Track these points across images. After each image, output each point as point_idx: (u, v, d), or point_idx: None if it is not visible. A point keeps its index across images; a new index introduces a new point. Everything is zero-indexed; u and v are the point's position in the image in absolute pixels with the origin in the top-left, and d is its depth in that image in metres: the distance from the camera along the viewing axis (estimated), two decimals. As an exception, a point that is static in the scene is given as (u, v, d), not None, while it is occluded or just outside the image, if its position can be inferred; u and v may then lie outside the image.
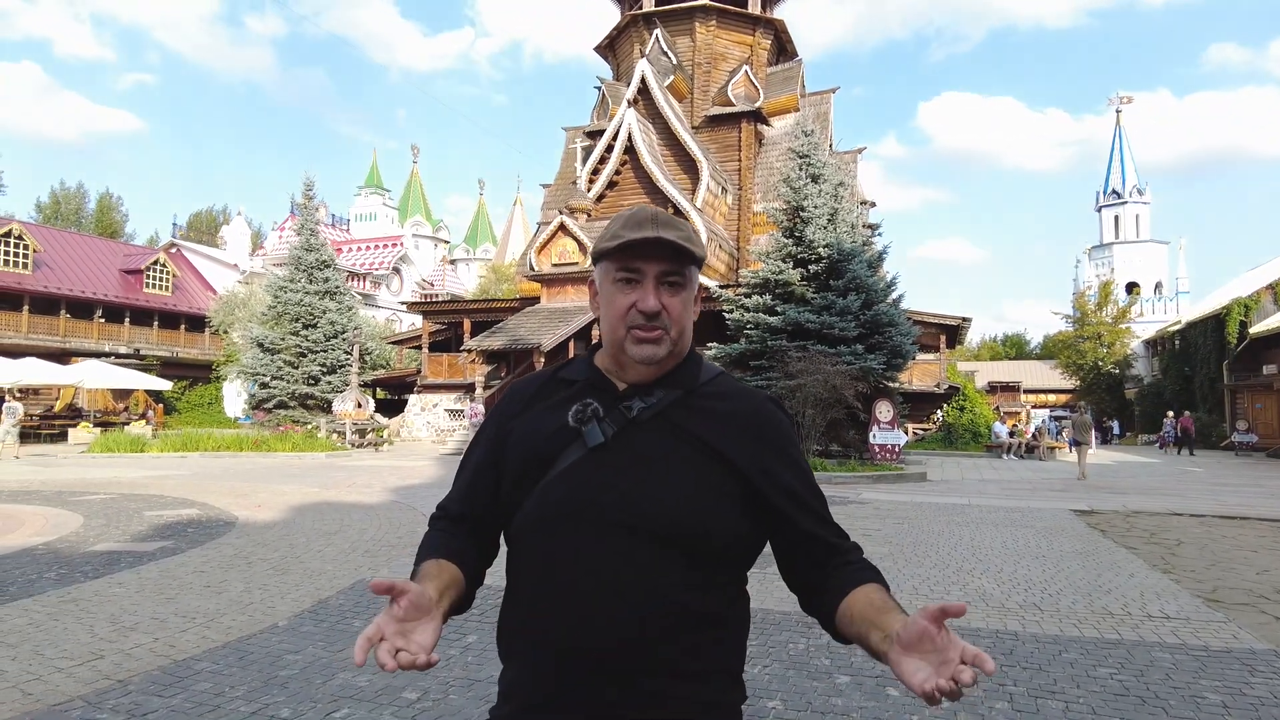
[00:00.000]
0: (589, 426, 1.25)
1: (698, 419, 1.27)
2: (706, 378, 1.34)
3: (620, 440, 1.24)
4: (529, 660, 1.23)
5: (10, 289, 32.93)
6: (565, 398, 1.32)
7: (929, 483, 15.27)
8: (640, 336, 1.26)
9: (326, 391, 26.16)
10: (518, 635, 1.25)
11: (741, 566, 1.29)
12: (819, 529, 1.29)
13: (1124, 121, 52.72)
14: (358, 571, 6.38)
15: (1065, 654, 4.45)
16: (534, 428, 1.31)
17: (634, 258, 1.27)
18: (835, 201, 19.23)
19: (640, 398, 1.28)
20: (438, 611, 1.13)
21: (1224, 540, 8.68)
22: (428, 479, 14.53)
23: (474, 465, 1.38)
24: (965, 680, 0.96)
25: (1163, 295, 49.38)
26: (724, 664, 1.25)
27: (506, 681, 1.28)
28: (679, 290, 1.27)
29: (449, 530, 1.35)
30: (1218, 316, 33.05)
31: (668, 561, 1.18)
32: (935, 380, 27.39)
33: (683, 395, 1.29)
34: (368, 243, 53.57)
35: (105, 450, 19.59)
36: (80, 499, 10.91)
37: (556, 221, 25.67)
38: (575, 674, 1.17)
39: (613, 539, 1.18)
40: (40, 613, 5.11)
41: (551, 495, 1.23)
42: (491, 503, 1.32)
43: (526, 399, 1.38)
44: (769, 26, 32.54)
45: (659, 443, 1.25)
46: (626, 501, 1.20)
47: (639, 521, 1.18)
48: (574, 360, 1.41)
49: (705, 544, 1.20)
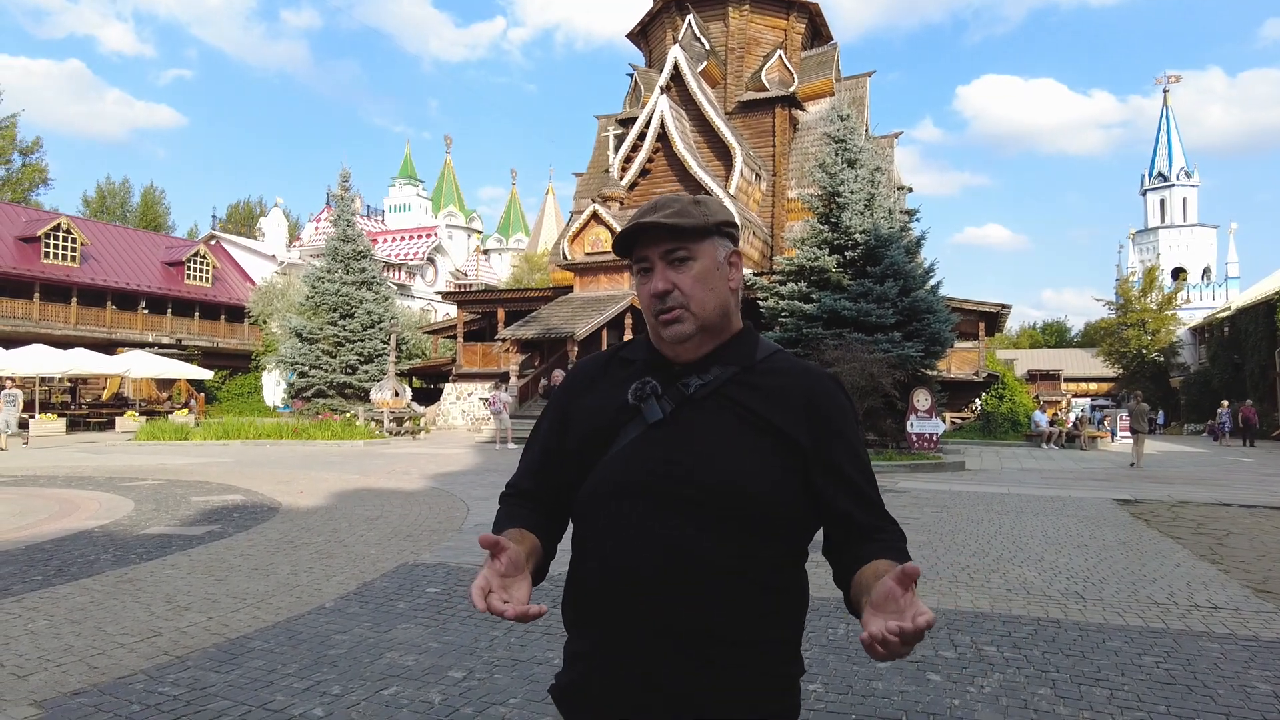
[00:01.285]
0: (648, 404, 1.29)
1: (753, 395, 1.29)
2: (763, 355, 1.36)
3: (678, 416, 1.28)
4: (593, 628, 1.27)
5: (60, 281, 33.93)
6: (626, 376, 1.35)
7: (967, 472, 15.09)
8: (663, 320, 1.30)
9: (364, 380, 26.57)
10: (582, 604, 1.30)
11: (798, 539, 1.31)
12: (861, 507, 1.30)
13: (1171, 102, 51.26)
14: (400, 555, 6.51)
15: (1109, 642, 4.39)
16: (596, 405, 1.35)
17: (640, 247, 1.31)
18: (872, 187, 18.98)
19: (697, 375, 1.31)
20: (527, 571, 1.21)
21: (1275, 531, 8.46)
22: (465, 466, 14.72)
23: (541, 443, 1.43)
24: (898, 629, 0.99)
25: (1211, 281, 48.01)
26: (781, 634, 1.28)
27: (571, 650, 1.33)
28: (687, 265, 1.29)
29: (522, 504, 1.39)
30: (1269, 303, 32.06)
31: (725, 532, 1.21)
32: (974, 368, 27.00)
33: (739, 372, 1.32)
34: (402, 233, 54.17)
35: (151, 438, 20.15)
36: (130, 484, 11.26)
37: (589, 210, 25.71)
38: (636, 641, 1.21)
39: (671, 511, 1.22)
40: (100, 592, 5.31)
41: (612, 470, 1.28)
42: (559, 478, 1.37)
43: (589, 378, 1.42)
44: (803, 10, 32.12)
45: (715, 419, 1.28)
46: (684, 475, 1.23)
47: (697, 494, 1.22)
48: (634, 341, 1.45)
49: (761, 516, 1.23)
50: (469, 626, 4.58)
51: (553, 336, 23.60)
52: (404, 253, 51.55)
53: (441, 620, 4.70)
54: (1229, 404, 28.73)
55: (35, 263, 33.51)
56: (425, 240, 52.69)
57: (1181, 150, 50.74)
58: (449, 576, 5.80)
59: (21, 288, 32.85)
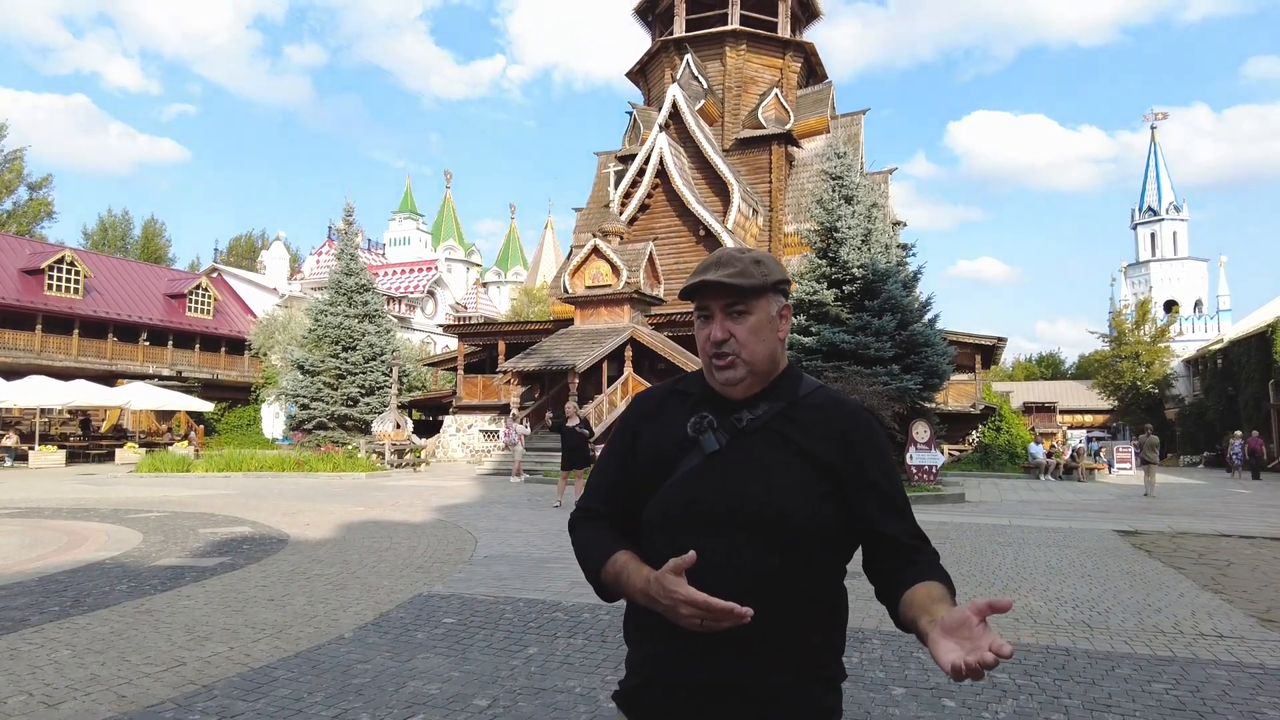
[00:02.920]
0: (705, 436, 1.44)
1: (798, 428, 1.44)
2: (806, 390, 1.50)
3: (732, 448, 1.42)
4: (654, 641, 1.41)
5: (62, 313, 34.06)
6: (684, 409, 1.50)
7: (968, 503, 15.15)
8: (717, 365, 1.45)
9: (365, 413, 26.62)
10: (645, 620, 1.42)
11: (840, 557, 1.45)
12: (899, 528, 1.44)
13: (1159, 138, 52.26)
14: (413, 586, 6.57)
15: (1118, 669, 4.48)
16: (659, 435, 1.49)
17: (702, 296, 1.47)
18: (869, 222, 19.29)
19: (748, 410, 1.46)
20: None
21: (1276, 561, 8.55)
22: (469, 498, 14.75)
23: (610, 469, 1.57)
24: (987, 660, 1.12)
25: (1203, 313, 48.48)
26: (827, 643, 1.42)
27: (633, 663, 1.47)
28: (745, 316, 1.44)
29: (601, 524, 1.52)
30: (1262, 335, 32.39)
31: (774, 553, 1.35)
32: (971, 400, 27.16)
33: (785, 407, 1.46)
34: (402, 266, 54.52)
35: (152, 470, 20.13)
36: (136, 516, 11.28)
37: (590, 244, 26.00)
38: (694, 652, 1.35)
39: (726, 534, 1.36)
40: (119, 622, 5.36)
41: (673, 495, 1.42)
42: (627, 502, 1.50)
43: (652, 410, 1.56)
44: (799, 50, 32.84)
45: (765, 450, 1.42)
46: (738, 501, 1.37)
47: (749, 518, 1.36)
48: (690, 375, 1.59)
49: (807, 538, 1.37)
50: (489, 656, 4.65)
51: (554, 369, 23.73)
52: (404, 286, 51.85)
53: (461, 650, 4.76)
54: (1240, 434, 27.73)
55: (39, 295, 33.66)
56: (425, 273, 53.02)
57: (1170, 185, 51.56)
58: (464, 607, 5.87)
59: (24, 319, 32.95)
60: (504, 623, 5.42)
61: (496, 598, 6.20)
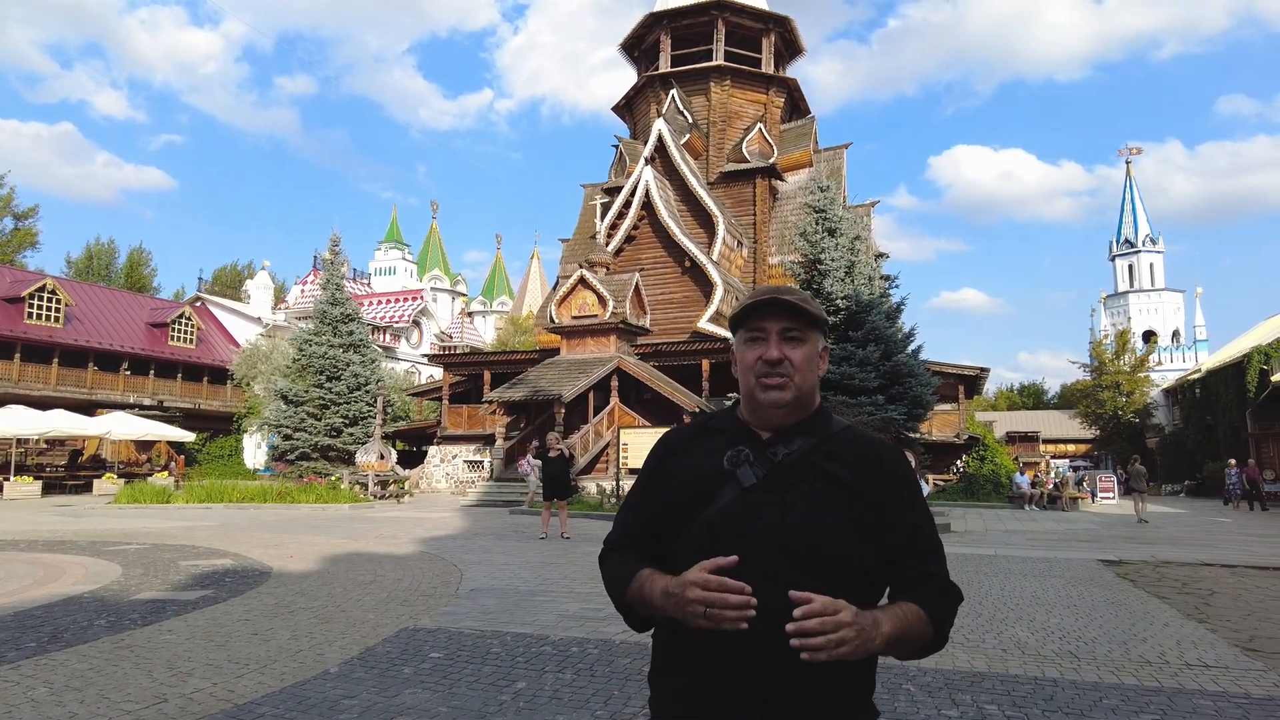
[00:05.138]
0: (742, 469, 1.47)
1: (833, 462, 1.47)
2: (838, 428, 1.55)
3: (768, 481, 1.46)
4: (692, 669, 1.42)
5: (42, 342, 33.68)
6: (718, 445, 1.52)
7: (953, 534, 15.19)
8: (766, 384, 1.49)
9: (349, 443, 26.40)
10: (681, 648, 1.44)
11: (875, 592, 1.46)
12: (921, 560, 1.48)
13: (1134, 172, 53.41)
14: (399, 620, 6.50)
15: (1106, 700, 4.50)
16: (692, 469, 1.52)
17: (758, 318, 1.51)
18: (852, 254, 19.56)
19: (784, 444, 1.49)
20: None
21: (1258, 590, 8.63)
22: (454, 530, 14.62)
23: (638, 504, 1.61)
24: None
25: (1180, 344, 49.20)
26: (859, 680, 1.44)
27: (658, 699, 1.48)
28: (800, 344, 1.50)
29: (628, 554, 1.56)
30: (1238, 364, 32.89)
31: (812, 584, 1.35)
32: (955, 430, 27.34)
33: (820, 441, 1.50)
34: (387, 296, 54.44)
35: (131, 501, 19.81)
36: (115, 549, 11.09)
37: (577, 275, 26.13)
38: (731, 681, 1.37)
39: (765, 564, 1.38)
40: (99, 658, 5.26)
41: (710, 528, 1.44)
42: (652, 535, 1.53)
43: (683, 446, 1.59)
44: (782, 85, 33.45)
45: (802, 483, 1.46)
46: (776, 533, 1.40)
47: (787, 549, 1.39)
48: (719, 413, 1.64)
49: (845, 569, 1.40)
50: (476, 691, 4.60)
51: (540, 399, 23.69)
52: (389, 315, 51.73)
53: (448, 685, 4.72)
54: (1236, 463, 26.68)
55: (18, 323, 33.29)
56: (410, 303, 52.95)
57: (1146, 218, 52.60)
58: (451, 641, 5.81)
59: (2, 348, 32.56)
60: (491, 657, 5.37)
61: (484, 631, 6.14)
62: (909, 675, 4.96)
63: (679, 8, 32.86)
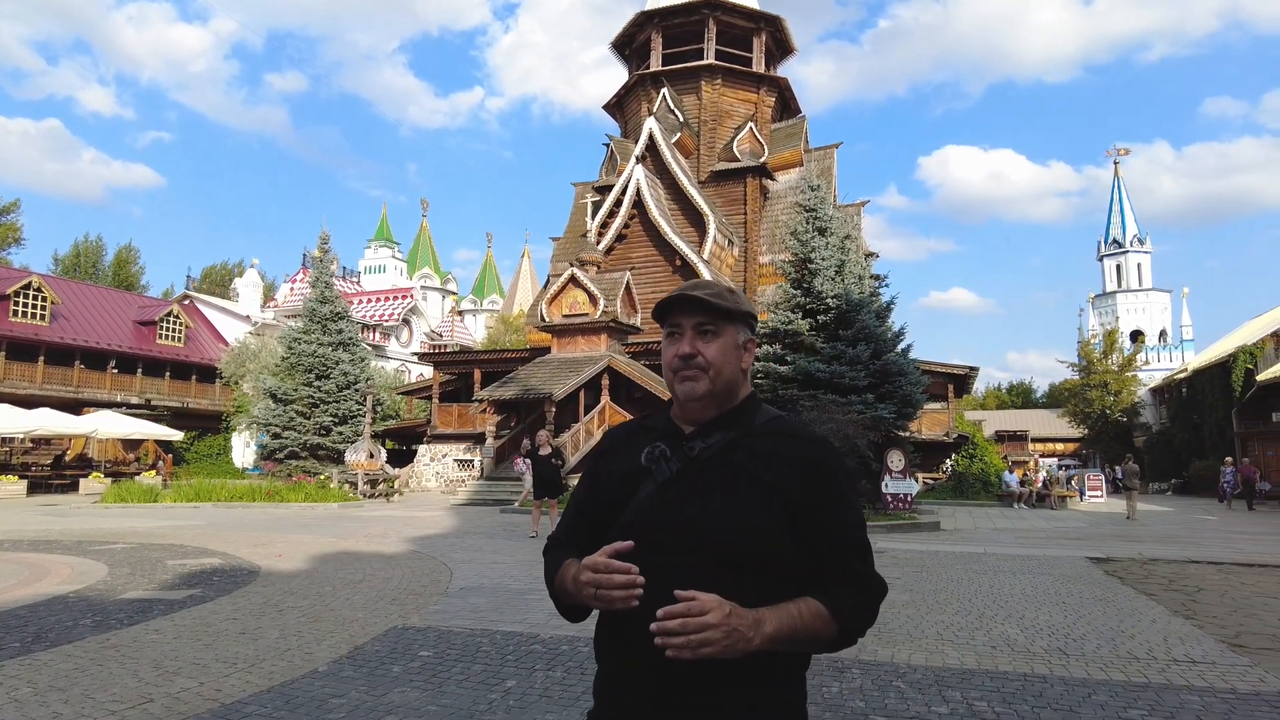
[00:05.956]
0: (657, 465, 1.48)
1: (750, 456, 1.46)
2: (762, 420, 1.53)
3: (683, 476, 1.46)
4: (613, 666, 1.46)
5: (27, 340, 33.36)
6: (646, 443, 1.53)
7: (943, 531, 15.25)
8: (682, 376, 1.50)
9: (338, 442, 26.28)
10: (604, 644, 1.48)
11: (790, 584, 1.42)
12: (837, 555, 1.43)
13: (1122, 173, 53.79)
14: (388, 619, 6.46)
15: (1095, 696, 4.52)
16: (618, 467, 1.55)
17: (675, 315, 1.53)
18: (842, 253, 19.58)
19: (701, 439, 1.49)
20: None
21: (1244, 587, 8.70)
22: (443, 529, 14.57)
23: (576, 502, 1.63)
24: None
25: (1167, 344, 49.58)
26: (784, 670, 1.42)
27: (597, 686, 1.51)
28: (714, 337, 1.51)
29: (564, 552, 1.57)
30: (1224, 364, 33.17)
31: (724, 579, 1.35)
32: (944, 429, 27.45)
33: (739, 435, 1.49)
34: (377, 295, 54.24)
35: (118, 500, 19.66)
36: (101, 548, 10.99)
37: (567, 274, 26.09)
38: (647, 678, 1.37)
39: (677, 560, 1.38)
40: (84, 658, 5.21)
41: (627, 524, 1.45)
42: (588, 533, 1.54)
43: (617, 444, 1.62)
44: (773, 85, 33.49)
45: (716, 477, 1.45)
46: (688, 528, 1.40)
47: (699, 545, 1.39)
48: (657, 413, 1.64)
49: (755, 564, 1.38)
50: (466, 689, 4.58)
51: (531, 397, 23.65)
52: (379, 314, 51.53)
53: (438, 684, 4.69)
54: (1231, 461, 26.12)
55: (3, 321, 32.94)
56: (400, 301, 52.77)
57: (1134, 218, 52.98)
58: (441, 640, 5.79)
59: (-14, 347, 32.24)
60: (481, 655, 5.35)
61: (473, 630, 6.12)
62: (899, 672, 4.97)
63: (670, 6, 32.84)
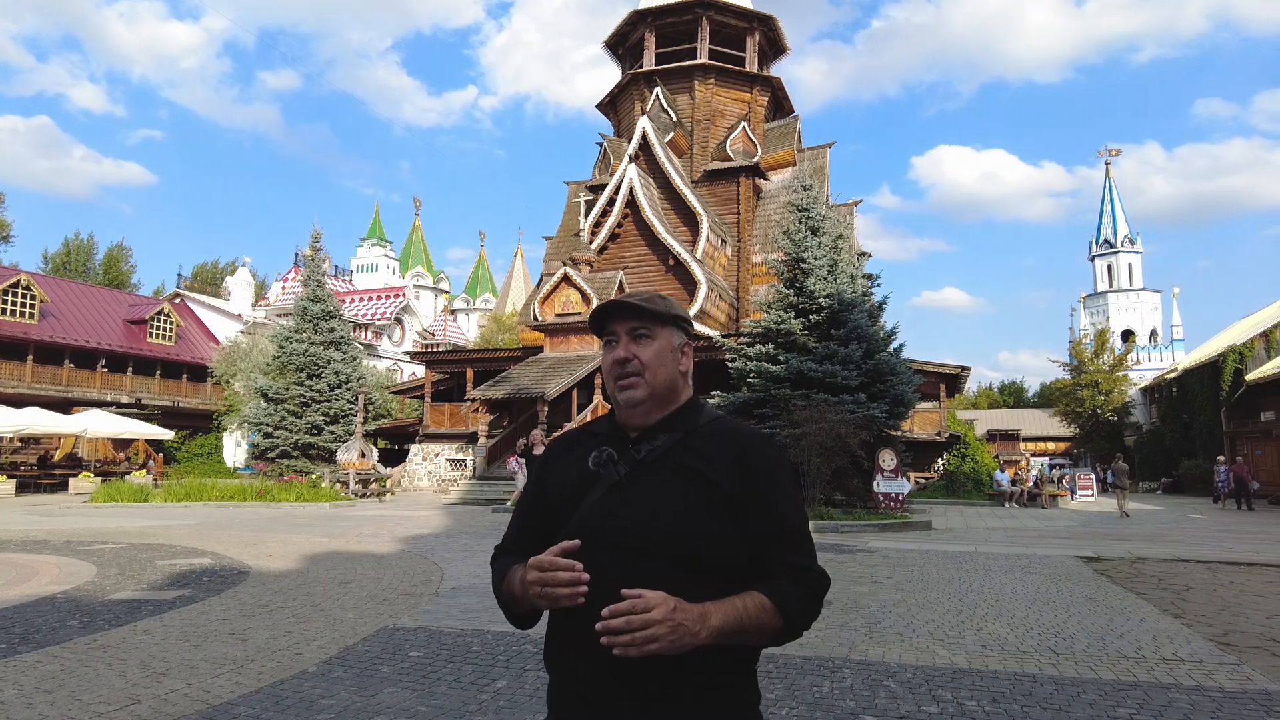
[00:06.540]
0: (605, 469, 1.50)
1: (697, 456, 1.49)
2: (704, 420, 1.57)
3: (631, 479, 1.48)
4: (563, 669, 1.46)
5: (16, 338, 33.16)
6: (591, 448, 1.55)
7: (935, 531, 15.29)
8: (620, 384, 1.54)
9: (329, 441, 26.19)
10: (555, 647, 1.49)
11: (739, 580, 1.44)
12: (780, 550, 1.46)
13: (1114, 173, 54.06)
14: (378, 619, 6.44)
15: (1084, 695, 4.54)
16: (566, 473, 1.56)
17: (610, 324, 1.58)
18: (835, 253, 19.61)
19: (647, 442, 1.52)
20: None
21: (1232, 586, 8.75)
22: (435, 529, 14.54)
23: (524, 509, 1.64)
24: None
25: (1158, 343, 49.85)
26: (733, 667, 1.43)
27: (549, 689, 1.52)
28: (649, 341, 1.55)
29: (511, 559, 1.56)
30: (1213, 364, 33.35)
31: (673, 578, 1.37)
32: (936, 429, 27.53)
33: (683, 436, 1.52)
34: (369, 293, 54.09)
35: (108, 500, 19.54)
36: (90, 548, 10.92)
37: (560, 273, 26.07)
38: (597, 679, 1.38)
39: (626, 561, 1.39)
40: (71, 659, 5.18)
41: (576, 527, 1.45)
42: (536, 539, 1.54)
43: (562, 450, 1.64)
44: (766, 84, 33.51)
45: (664, 479, 1.48)
46: (636, 529, 1.42)
47: (647, 545, 1.41)
48: (601, 418, 1.66)
49: (705, 562, 1.41)
50: (456, 690, 4.57)
51: (523, 396, 23.61)
52: (371, 313, 51.38)
53: (428, 684, 4.68)
54: (1224, 460, 25.74)
55: (-9, 320, 32.77)
56: (393, 300, 52.63)
57: (1125, 219, 53.24)
58: (431, 640, 5.77)
59: (-26, 346, 32.02)
60: (472, 656, 5.34)
61: (464, 630, 6.10)
62: (890, 672, 4.98)
63: (663, 6, 32.82)
